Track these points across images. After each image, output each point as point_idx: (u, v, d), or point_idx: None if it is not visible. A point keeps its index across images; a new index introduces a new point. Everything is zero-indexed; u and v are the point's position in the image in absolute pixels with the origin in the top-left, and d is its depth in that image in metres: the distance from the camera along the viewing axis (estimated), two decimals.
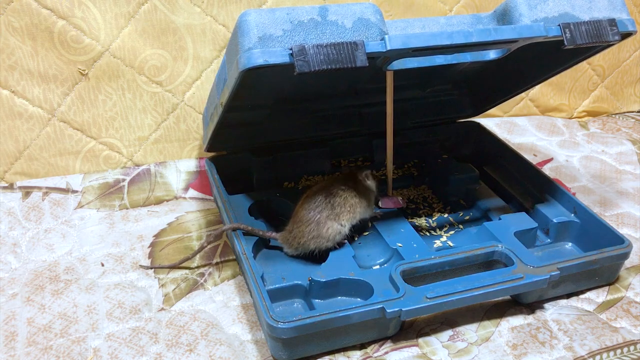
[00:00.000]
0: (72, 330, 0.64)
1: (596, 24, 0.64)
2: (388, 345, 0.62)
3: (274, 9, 0.56)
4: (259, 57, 0.55)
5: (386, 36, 0.57)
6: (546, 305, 0.68)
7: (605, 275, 0.70)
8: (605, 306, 0.68)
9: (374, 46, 0.57)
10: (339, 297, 0.66)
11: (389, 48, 0.57)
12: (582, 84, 1.12)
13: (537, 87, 1.09)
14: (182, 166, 0.91)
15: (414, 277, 0.66)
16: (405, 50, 0.58)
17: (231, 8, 0.87)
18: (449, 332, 0.64)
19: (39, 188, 0.85)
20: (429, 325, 0.65)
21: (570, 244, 0.77)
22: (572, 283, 0.68)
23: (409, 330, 0.64)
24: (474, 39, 0.59)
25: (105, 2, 0.82)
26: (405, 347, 0.62)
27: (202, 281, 0.71)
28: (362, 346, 0.62)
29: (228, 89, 0.62)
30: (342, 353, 0.62)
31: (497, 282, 0.63)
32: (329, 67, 0.55)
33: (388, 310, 0.59)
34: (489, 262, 0.69)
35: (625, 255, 0.69)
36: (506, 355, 0.61)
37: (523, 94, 1.09)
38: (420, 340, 0.63)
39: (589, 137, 1.08)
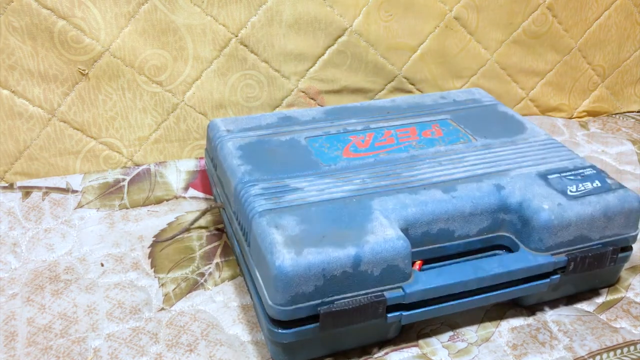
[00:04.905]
0: (72, 330, 0.64)
1: (601, 252, 0.64)
2: (388, 346, 0.62)
3: (309, 266, 0.54)
4: (289, 315, 0.55)
5: (406, 294, 0.58)
6: (546, 306, 0.68)
7: (605, 275, 0.70)
8: (605, 307, 0.68)
9: (396, 304, 0.58)
10: None
11: (409, 312, 0.59)
12: (582, 84, 1.12)
13: (537, 87, 1.09)
14: (182, 166, 0.91)
15: None
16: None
17: (231, 8, 0.87)
18: (449, 333, 0.64)
19: (39, 188, 0.85)
20: (429, 325, 0.65)
21: None
22: (572, 284, 0.68)
23: (409, 330, 0.64)
24: (488, 280, 0.61)
25: (105, 2, 0.82)
26: (405, 347, 0.62)
27: (202, 281, 0.71)
28: (362, 349, 0.62)
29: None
30: (342, 356, 0.62)
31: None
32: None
33: (389, 315, 0.59)
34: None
35: (626, 256, 0.69)
36: (506, 356, 0.61)
37: (523, 94, 1.09)
38: (421, 340, 0.63)
39: (589, 137, 1.07)
